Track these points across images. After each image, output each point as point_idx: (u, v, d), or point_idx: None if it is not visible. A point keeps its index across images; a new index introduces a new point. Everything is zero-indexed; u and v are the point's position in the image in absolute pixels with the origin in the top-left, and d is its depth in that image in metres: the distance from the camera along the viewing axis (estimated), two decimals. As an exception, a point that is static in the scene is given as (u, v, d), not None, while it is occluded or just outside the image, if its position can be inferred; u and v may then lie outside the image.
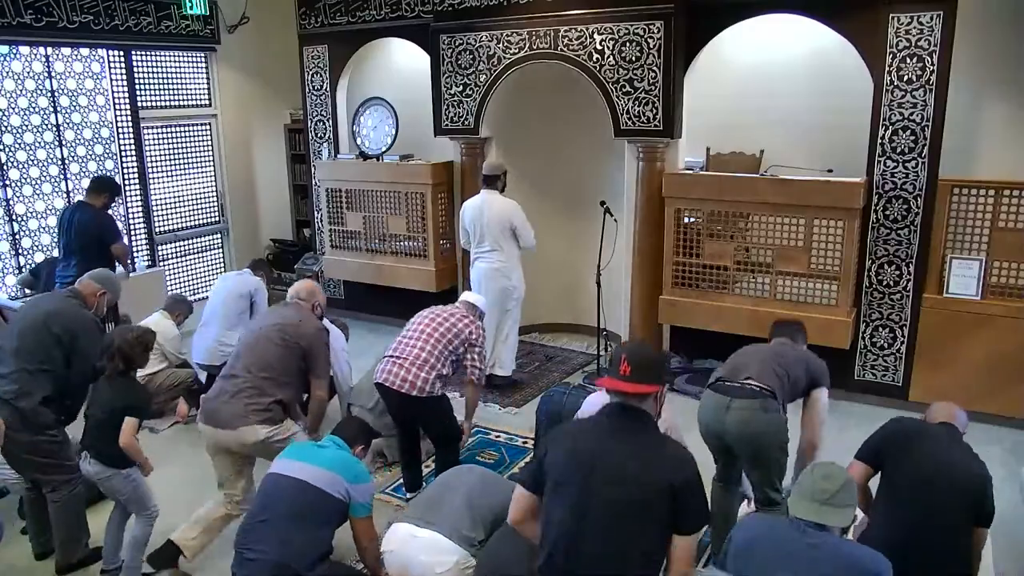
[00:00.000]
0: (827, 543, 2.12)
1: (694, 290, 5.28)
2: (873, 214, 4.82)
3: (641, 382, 2.19)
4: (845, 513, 2.17)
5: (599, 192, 5.79)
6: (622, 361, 2.22)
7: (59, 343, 3.31)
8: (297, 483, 2.78)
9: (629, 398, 2.20)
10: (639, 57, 5.18)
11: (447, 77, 6.00)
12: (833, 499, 2.14)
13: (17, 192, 5.91)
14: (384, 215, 6.52)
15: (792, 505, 2.21)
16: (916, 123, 4.60)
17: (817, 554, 2.10)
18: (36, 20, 5.65)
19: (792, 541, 2.15)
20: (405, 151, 6.50)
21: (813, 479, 2.20)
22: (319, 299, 3.76)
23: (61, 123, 6.13)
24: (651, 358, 2.28)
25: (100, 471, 3.20)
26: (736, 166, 5.16)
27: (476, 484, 2.99)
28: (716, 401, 3.09)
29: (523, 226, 5.19)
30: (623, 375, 2.20)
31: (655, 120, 5.21)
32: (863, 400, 5.06)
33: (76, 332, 3.35)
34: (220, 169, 7.40)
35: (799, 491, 2.23)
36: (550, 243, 6.09)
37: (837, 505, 2.15)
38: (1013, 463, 4.16)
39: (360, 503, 2.89)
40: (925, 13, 4.45)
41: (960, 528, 2.58)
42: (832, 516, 2.14)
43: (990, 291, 4.68)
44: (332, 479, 2.81)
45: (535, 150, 6.25)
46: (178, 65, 6.94)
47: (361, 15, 6.44)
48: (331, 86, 6.86)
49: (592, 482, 2.11)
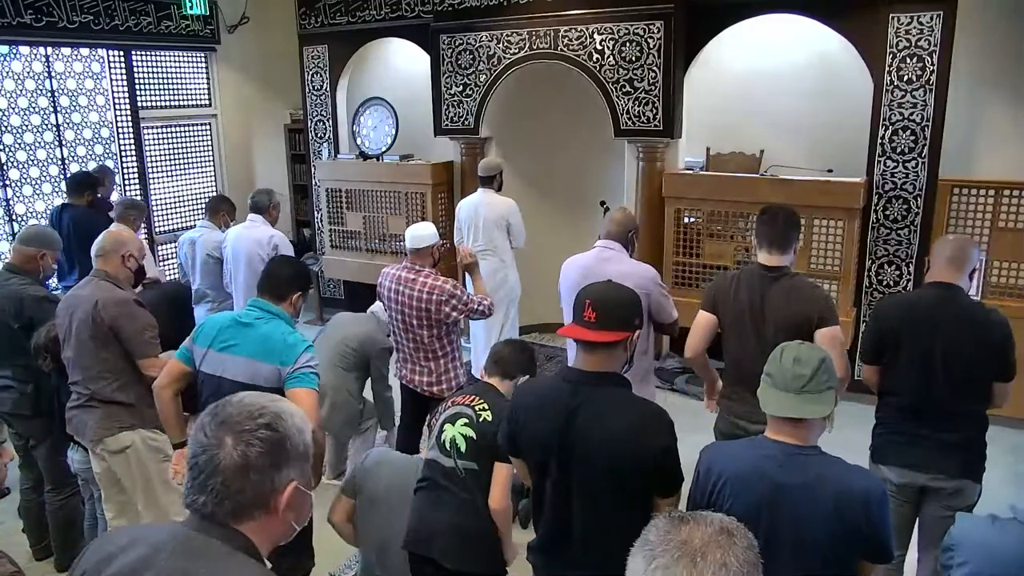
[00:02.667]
0: (805, 473, 1.81)
1: (694, 290, 5.27)
2: (873, 214, 4.82)
3: (608, 329, 1.95)
4: (825, 398, 1.83)
5: (599, 192, 5.79)
6: (586, 306, 1.97)
7: (21, 330, 3.20)
8: (231, 384, 2.47)
9: (595, 348, 1.98)
10: (639, 57, 5.18)
11: (447, 77, 6.00)
12: (810, 385, 1.81)
13: (17, 192, 5.91)
14: (384, 215, 6.52)
15: (764, 400, 1.89)
16: (916, 123, 4.60)
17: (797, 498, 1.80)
18: (36, 20, 5.65)
19: (760, 477, 1.83)
20: (405, 151, 6.50)
21: (782, 366, 1.85)
22: (129, 248, 3.11)
23: (61, 123, 6.13)
24: (620, 300, 2.02)
25: (83, 460, 3.14)
26: (736, 166, 5.16)
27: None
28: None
29: (518, 225, 5.19)
30: (587, 321, 1.97)
31: (655, 120, 5.21)
32: (863, 400, 5.05)
33: (25, 314, 3.21)
34: (220, 169, 7.40)
35: (769, 383, 1.88)
36: (550, 243, 6.08)
37: (815, 391, 1.82)
38: (1013, 463, 4.16)
39: (294, 374, 2.53)
40: (925, 13, 4.45)
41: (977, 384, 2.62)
42: (812, 406, 1.81)
43: (990, 291, 4.67)
44: (261, 369, 2.54)
45: (535, 150, 6.25)
46: (178, 65, 6.95)
47: (361, 15, 6.44)
48: (331, 86, 6.86)
49: (569, 464, 2.01)
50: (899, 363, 2.71)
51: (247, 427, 1.23)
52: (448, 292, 3.53)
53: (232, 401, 1.28)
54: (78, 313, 2.93)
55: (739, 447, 2.01)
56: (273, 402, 1.30)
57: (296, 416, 1.30)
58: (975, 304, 2.67)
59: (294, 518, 1.29)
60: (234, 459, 1.21)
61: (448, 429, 2.54)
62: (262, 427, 1.24)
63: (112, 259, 3.04)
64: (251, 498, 1.22)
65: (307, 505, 1.32)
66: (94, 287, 2.98)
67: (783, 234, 2.82)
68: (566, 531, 2.07)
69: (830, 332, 2.72)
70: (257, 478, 1.22)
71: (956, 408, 2.64)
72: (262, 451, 1.22)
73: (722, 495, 1.88)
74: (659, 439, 1.95)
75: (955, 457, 2.65)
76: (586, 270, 3.20)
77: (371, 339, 4.09)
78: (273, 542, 1.30)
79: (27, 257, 3.32)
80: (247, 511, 1.23)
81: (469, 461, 2.48)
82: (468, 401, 2.61)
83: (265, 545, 1.27)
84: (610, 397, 2.01)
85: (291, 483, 1.26)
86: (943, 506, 2.66)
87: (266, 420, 1.25)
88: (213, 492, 1.21)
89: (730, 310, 2.91)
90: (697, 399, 5.29)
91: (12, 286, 3.27)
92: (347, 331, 4.13)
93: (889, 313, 2.78)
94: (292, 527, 1.31)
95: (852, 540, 1.78)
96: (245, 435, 1.22)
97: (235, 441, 1.22)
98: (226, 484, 1.21)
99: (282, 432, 1.25)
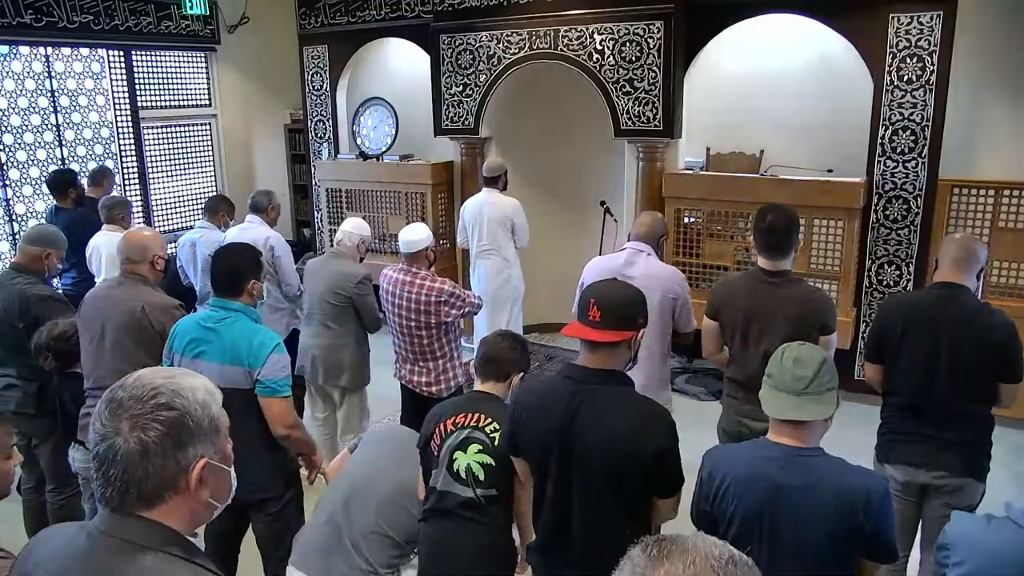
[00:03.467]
0: (806, 475, 1.80)
1: (694, 290, 5.26)
2: (873, 214, 4.82)
3: (612, 328, 1.96)
4: (826, 400, 1.83)
5: (599, 192, 5.79)
6: (591, 305, 1.97)
7: (25, 330, 3.20)
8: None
9: (599, 347, 1.99)
10: (639, 57, 5.18)
11: (447, 77, 6.00)
12: (811, 386, 1.81)
13: (17, 192, 5.91)
14: (384, 215, 6.52)
15: (765, 402, 1.89)
16: (916, 123, 4.60)
17: (798, 499, 1.80)
18: (36, 20, 5.65)
19: (762, 479, 1.83)
20: (405, 151, 6.50)
21: (783, 368, 1.86)
22: (156, 251, 3.09)
23: (61, 123, 6.13)
24: (625, 300, 2.01)
25: (84, 459, 3.10)
26: (736, 166, 5.16)
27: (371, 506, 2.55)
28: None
29: (523, 224, 5.21)
30: (592, 320, 1.97)
31: (655, 120, 5.21)
32: (863, 400, 5.05)
33: (31, 313, 3.20)
34: (220, 169, 7.40)
35: (770, 384, 1.89)
36: (551, 243, 6.09)
37: (816, 392, 1.82)
38: (1013, 463, 4.16)
39: (264, 382, 2.53)
40: (925, 13, 4.45)
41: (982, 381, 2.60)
42: (813, 408, 1.81)
43: (990, 291, 4.67)
44: (230, 373, 2.51)
45: (535, 150, 6.25)
46: (178, 65, 6.95)
47: (361, 15, 6.44)
48: (331, 86, 6.86)
49: (569, 464, 2.00)
50: (901, 363, 2.72)
51: (140, 410, 1.16)
52: (447, 293, 3.54)
53: (126, 384, 1.21)
54: (114, 316, 2.89)
55: (741, 449, 2.01)
56: (170, 379, 1.22)
57: (199, 391, 1.23)
58: (979, 305, 2.66)
59: (210, 495, 1.23)
60: (132, 446, 1.15)
61: (460, 457, 2.36)
62: (158, 408, 1.17)
63: (142, 265, 3.03)
64: (156, 484, 1.17)
65: (224, 481, 1.26)
66: (131, 290, 2.95)
67: (782, 239, 2.83)
68: (566, 531, 2.07)
69: (828, 340, 2.78)
70: (160, 462, 1.16)
71: (957, 408, 2.64)
72: (161, 433, 1.16)
73: (726, 498, 1.88)
74: (659, 440, 1.94)
75: (957, 455, 2.65)
76: (611, 273, 3.00)
77: (344, 275, 3.92)
78: (194, 522, 1.23)
79: (32, 256, 3.33)
80: (156, 496, 1.17)
81: (488, 489, 2.35)
82: (474, 422, 2.38)
83: (185, 527, 1.21)
84: (611, 396, 2.00)
85: (200, 460, 1.20)
86: (945, 504, 2.66)
87: (162, 400, 1.18)
88: (116, 482, 1.15)
89: (732, 315, 2.92)
90: (697, 399, 5.30)
91: (17, 285, 3.27)
92: (321, 286, 3.97)
93: (891, 313, 2.78)
94: (211, 505, 1.25)
95: (854, 540, 1.79)
96: (140, 419, 1.16)
97: (131, 427, 1.15)
98: (128, 472, 1.15)
99: (180, 409, 1.18)
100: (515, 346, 2.57)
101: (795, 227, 2.86)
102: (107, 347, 2.92)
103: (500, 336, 2.63)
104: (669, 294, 3.18)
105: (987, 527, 1.76)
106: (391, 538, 2.53)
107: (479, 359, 2.56)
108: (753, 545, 1.85)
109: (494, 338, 2.61)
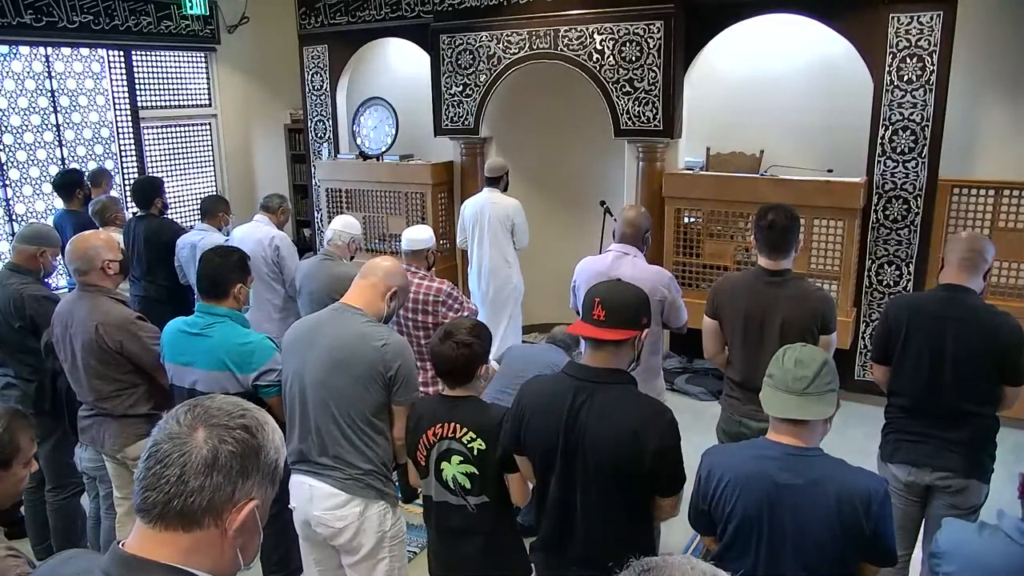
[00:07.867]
0: (806, 474, 1.80)
1: (694, 290, 5.27)
2: (873, 214, 4.82)
3: (616, 327, 2.00)
4: (827, 400, 1.84)
5: (599, 192, 5.79)
6: (596, 305, 2.01)
7: (22, 330, 3.19)
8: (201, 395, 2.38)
9: (603, 346, 2.03)
10: (639, 57, 5.18)
11: (447, 77, 6.00)
12: (812, 387, 1.82)
13: (17, 192, 5.91)
14: (384, 215, 6.52)
15: (765, 401, 1.91)
16: (916, 123, 4.60)
17: (798, 499, 1.80)
18: (36, 20, 5.65)
19: (762, 478, 1.83)
20: (405, 151, 6.50)
21: (784, 368, 1.87)
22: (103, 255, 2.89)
23: (61, 123, 6.13)
24: (628, 299, 2.05)
25: (93, 458, 3.11)
26: (736, 166, 5.16)
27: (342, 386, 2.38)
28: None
29: (523, 225, 5.20)
30: (597, 320, 2.01)
31: (655, 120, 5.21)
32: (863, 400, 5.06)
33: (26, 313, 3.18)
34: (220, 169, 7.40)
35: (771, 384, 1.90)
36: (550, 243, 6.09)
37: (817, 393, 1.83)
38: (1014, 462, 4.16)
39: (261, 386, 2.52)
40: (925, 13, 4.45)
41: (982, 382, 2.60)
42: (813, 408, 1.82)
43: (990, 291, 4.67)
44: (220, 379, 2.51)
45: (535, 150, 6.25)
46: (178, 65, 6.95)
47: (361, 15, 6.44)
48: (331, 86, 6.86)
49: (571, 462, 2.01)
50: (905, 363, 2.72)
51: (225, 422, 1.12)
52: (444, 293, 3.55)
53: (215, 397, 1.18)
54: (79, 335, 2.83)
55: (740, 449, 2.01)
56: (260, 411, 1.19)
57: (278, 435, 1.19)
58: (985, 307, 2.65)
59: (242, 546, 1.14)
60: (202, 453, 1.08)
61: (446, 468, 2.34)
62: (243, 428, 1.13)
63: (92, 275, 2.87)
64: (204, 503, 1.08)
65: (253, 542, 1.17)
66: (88, 304, 2.85)
67: (783, 238, 2.82)
68: (568, 530, 2.07)
69: (828, 340, 2.79)
70: (220, 480, 1.09)
71: (961, 409, 2.63)
72: (234, 452, 1.10)
73: (724, 498, 1.88)
74: (660, 439, 1.94)
75: (961, 456, 2.64)
76: (600, 276, 2.98)
77: (339, 279, 3.63)
78: (218, 570, 1.12)
79: (27, 255, 3.30)
80: (197, 519, 1.08)
81: (477, 496, 2.33)
82: (451, 433, 2.32)
83: (209, 569, 1.11)
84: (614, 395, 2.01)
85: (251, 502, 1.12)
86: (948, 505, 2.66)
87: (249, 423, 1.14)
88: (166, 486, 1.07)
89: (733, 314, 2.92)
90: (697, 399, 5.30)
91: (12, 285, 3.25)
92: (318, 288, 3.81)
93: (897, 313, 2.78)
94: (237, 560, 1.15)
95: (854, 541, 1.78)
96: (221, 430, 1.11)
97: (207, 434, 1.10)
98: (183, 478, 1.07)
99: (260, 440, 1.14)
100: (464, 351, 2.30)
101: (796, 226, 2.85)
102: (80, 367, 2.88)
103: (449, 346, 2.31)
104: (656, 296, 3.11)
105: (978, 537, 1.75)
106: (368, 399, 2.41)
107: (437, 372, 2.40)
108: (751, 544, 1.86)
109: (440, 348, 2.33)
